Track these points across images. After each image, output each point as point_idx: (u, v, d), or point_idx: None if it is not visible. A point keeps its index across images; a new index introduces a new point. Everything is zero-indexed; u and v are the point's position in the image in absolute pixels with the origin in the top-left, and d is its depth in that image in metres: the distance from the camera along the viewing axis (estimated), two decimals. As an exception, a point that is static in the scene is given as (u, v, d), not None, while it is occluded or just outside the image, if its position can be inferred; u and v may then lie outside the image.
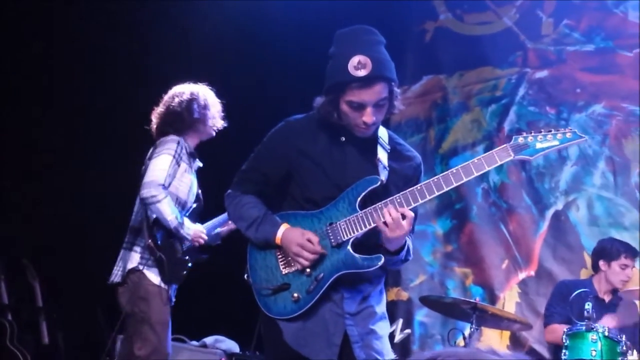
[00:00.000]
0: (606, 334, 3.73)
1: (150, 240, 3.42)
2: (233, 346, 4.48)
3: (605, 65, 5.16)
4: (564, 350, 3.81)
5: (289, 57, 5.33)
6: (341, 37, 2.53)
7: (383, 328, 2.59)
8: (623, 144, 4.99)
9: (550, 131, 2.50)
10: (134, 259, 3.47)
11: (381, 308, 2.61)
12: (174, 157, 3.52)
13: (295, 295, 2.49)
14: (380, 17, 4.73)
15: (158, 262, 3.42)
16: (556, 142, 2.48)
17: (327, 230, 2.51)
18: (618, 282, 4.33)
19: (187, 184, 3.59)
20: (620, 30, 5.13)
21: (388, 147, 2.62)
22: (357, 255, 2.49)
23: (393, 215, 2.40)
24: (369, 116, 2.43)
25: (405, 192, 2.46)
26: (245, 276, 2.61)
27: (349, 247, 2.49)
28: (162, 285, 3.45)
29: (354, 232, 2.48)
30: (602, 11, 5.23)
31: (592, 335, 3.73)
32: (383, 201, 2.46)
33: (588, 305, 3.80)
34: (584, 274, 4.74)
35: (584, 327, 3.78)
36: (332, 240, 2.50)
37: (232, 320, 4.63)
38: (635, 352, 3.84)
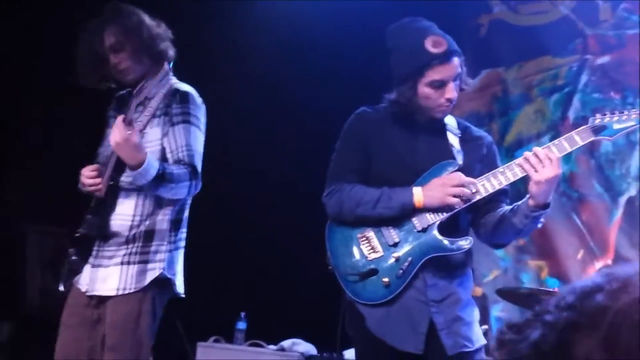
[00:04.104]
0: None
1: None
2: (310, 349, 4.49)
3: (668, 46, 5.04)
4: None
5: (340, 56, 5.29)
6: (399, 29, 2.60)
7: (471, 314, 2.57)
8: (694, 124, 4.86)
9: (624, 112, 2.50)
10: None
11: (467, 294, 2.59)
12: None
13: (386, 280, 2.49)
14: (433, 15, 4.67)
15: None
16: (632, 122, 2.49)
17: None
18: None
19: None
20: (680, 9, 5.02)
21: (458, 131, 2.64)
22: (444, 238, 2.48)
23: (539, 154, 2.38)
24: (451, 92, 2.48)
25: (494, 171, 2.47)
26: (328, 265, 2.62)
27: (434, 230, 2.49)
28: None
29: (439, 216, 2.48)
30: (661, -8, 5.12)
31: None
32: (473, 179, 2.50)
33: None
34: (663, 260, 4.61)
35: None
36: (417, 225, 2.50)
37: (308, 322, 4.66)
38: None
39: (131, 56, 2.73)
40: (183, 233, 2.87)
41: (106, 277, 2.71)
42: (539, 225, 2.55)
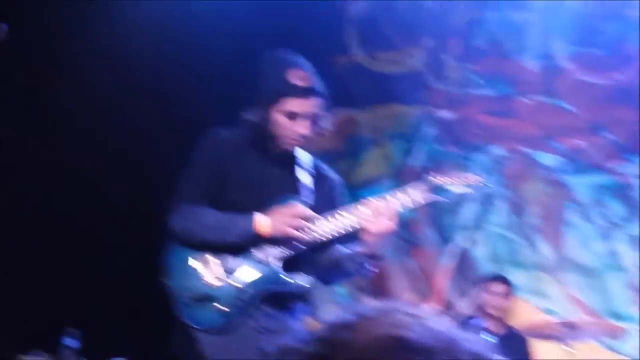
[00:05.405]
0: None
1: None
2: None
3: (505, 110, 5.44)
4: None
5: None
6: (273, 55, 2.58)
7: None
8: (520, 185, 5.25)
9: (462, 176, 2.64)
10: None
11: (300, 325, 2.60)
12: None
13: (221, 307, 2.45)
14: (293, 47, 4.71)
15: None
16: (466, 189, 2.62)
17: None
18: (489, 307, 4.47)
19: None
20: (520, 78, 5.44)
21: (311, 169, 2.66)
22: (285, 272, 2.48)
23: (379, 207, 2.42)
24: (304, 127, 2.46)
25: (336, 213, 2.48)
26: (163, 279, 2.53)
27: (275, 264, 2.48)
28: None
29: (280, 249, 2.50)
30: (504, 59, 5.53)
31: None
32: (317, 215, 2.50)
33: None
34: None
35: None
36: (259, 256, 2.50)
37: (136, 340, 4.47)
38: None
39: None
40: None
41: None
42: (367, 272, 2.62)
